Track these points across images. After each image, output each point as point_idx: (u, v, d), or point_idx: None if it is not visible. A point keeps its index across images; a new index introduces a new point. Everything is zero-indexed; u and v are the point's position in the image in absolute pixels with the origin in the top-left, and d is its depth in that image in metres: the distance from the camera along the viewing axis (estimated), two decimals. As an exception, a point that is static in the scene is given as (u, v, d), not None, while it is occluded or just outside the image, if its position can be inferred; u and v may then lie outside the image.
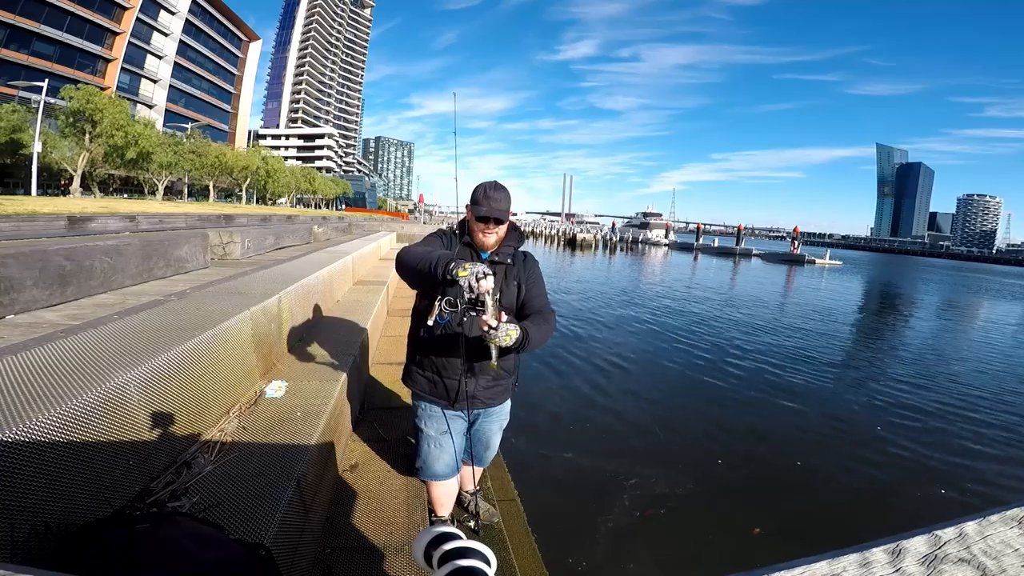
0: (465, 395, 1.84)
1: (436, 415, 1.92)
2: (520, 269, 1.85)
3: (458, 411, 1.91)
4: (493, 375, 1.85)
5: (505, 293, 1.79)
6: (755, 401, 5.99)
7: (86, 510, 1.24)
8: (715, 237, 68.55)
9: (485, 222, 1.71)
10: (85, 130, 25.70)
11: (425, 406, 1.93)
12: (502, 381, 1.93)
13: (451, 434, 1.95)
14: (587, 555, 2.94)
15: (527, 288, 1.84)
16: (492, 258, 1.81)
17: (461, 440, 1.99)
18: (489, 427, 2.04)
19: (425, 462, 1.98)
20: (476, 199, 1.72)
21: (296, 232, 8.98)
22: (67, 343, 1.75)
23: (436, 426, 1.92)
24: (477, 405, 1.90)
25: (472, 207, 1.73)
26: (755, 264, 36.84)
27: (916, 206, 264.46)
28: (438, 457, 1.95)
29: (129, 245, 3.77)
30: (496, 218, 1.70)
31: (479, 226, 1.73)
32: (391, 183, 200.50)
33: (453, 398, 1.86)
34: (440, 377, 1.85)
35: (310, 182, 59.65)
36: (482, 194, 1.71)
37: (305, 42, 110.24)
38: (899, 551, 0.56)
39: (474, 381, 1.85)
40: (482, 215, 1.69)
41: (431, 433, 1.93)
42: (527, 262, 1.90)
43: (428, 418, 1.93)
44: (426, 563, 0.73)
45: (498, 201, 1.71)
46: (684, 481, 3.83)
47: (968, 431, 5.39)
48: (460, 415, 1.94)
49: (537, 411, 5.08)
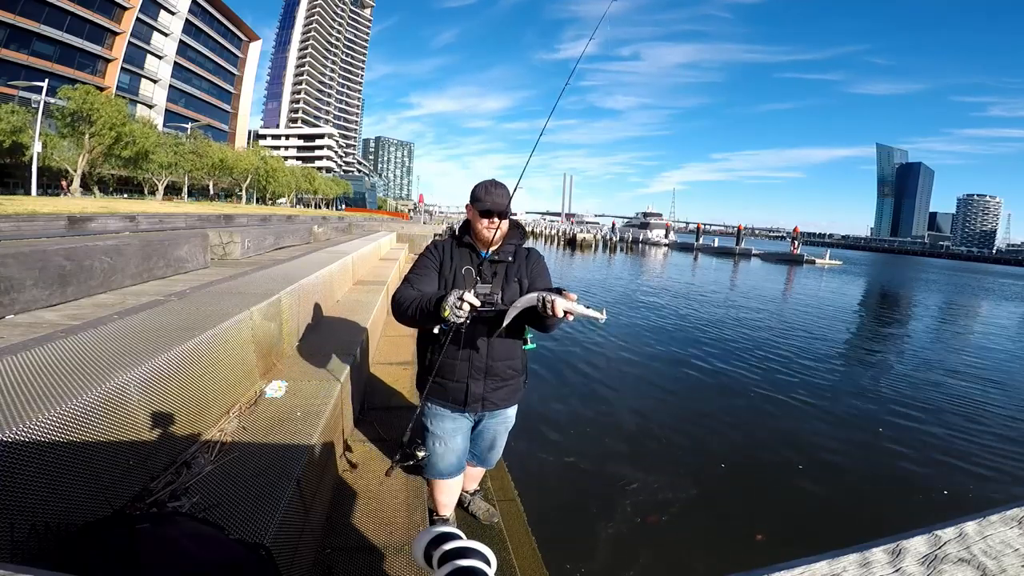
0: (474, 397, 1.86)
1: (443, 415, 1.94)
2: (522, 266, 1.86)
3: (466, 412, 1.93)
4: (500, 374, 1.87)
5: (506, 291, 1.79)
6: (757, 403, 5.99)
7: (86, 510, 1.24)
8: (715, 237, 68.53)
9: (488, 216, 1.76)
10: (83, 130, 25.70)
11: (433, 406, 1.94)
12: (511, 381, 1.92)
13: (458, 434, 1.96)
14: (587, 558, 2.94)
15: (532, 282, 1.85)
16: (492, 256, 1.82)
17: (466, 440, 2.01)
18: (495, 428, 2.04)
19: (431, 460, 1.99)
20: (477, 196, 1.78)
21: (296, 232, 8.98)
22: (67, 343, 1.75)
23: (443, 425, 1.94)
24: (488, 407, 1.91)
25: (474, 204, 1.78)
26: (755, 264, 36.83)
27: (916, 206, 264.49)
28: (443, 455, 1.97)
29: (129, 245, 3.77)
30: (498, 212, 1.75)
31: (482, 222, 1.78)
32: (391, 183, 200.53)
33: (463, 400, 1.87)
34: (450, 380, 1.86)
35: (310, 182, 59.67)
36: (483, 191, 1.78)
37: (305, 42, 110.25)
38: (899, 551, 0.56)
39: (482, 383, 1.85)
40: (485, 209, 1.75)
41: (438, 432, 1.95)
42: (530, 258, 1.91)
43: (435, 417, 1.94)
44: (426, 563, 0.73)
45: (499, 196, 1.77)
46: (687, 486, 3.81)
47: (969, 431, 5.39)
48: (467, 416, 1.96)
49: (538, 412, 5.08)
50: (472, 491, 2.52)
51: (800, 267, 35.69)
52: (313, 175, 61.65)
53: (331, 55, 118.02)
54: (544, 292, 1.52)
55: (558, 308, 1.46)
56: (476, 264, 1.82)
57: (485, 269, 1.81)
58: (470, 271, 1.81)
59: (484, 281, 1.78)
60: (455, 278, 1.80)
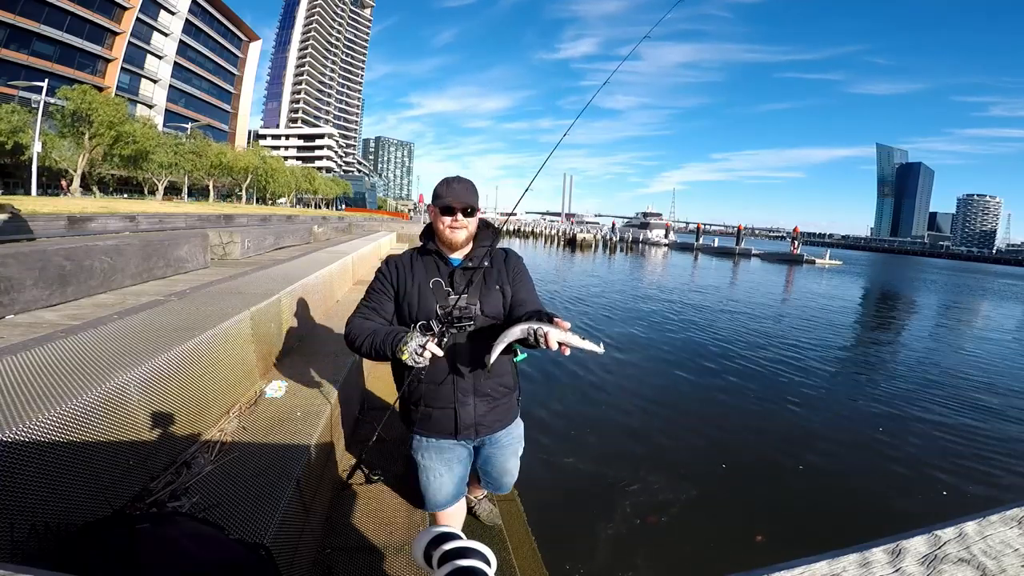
0: (465, 424, 1.65)
1: (435, 446, 1.71)
2: (501, 271, 1.65)
3: (460, 440, 1.71)
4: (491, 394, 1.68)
5: (487, 301, 1.59)
6: (758, 404, 5.99)
7: (86, 510, 1.24)
8: (715, 237, 68.49)
9: (451, 213, 1.55)
10: (83, 130, 25.71)
11: (421, 438, 1.72)
12: (503, 400, 1.72)
13: (455, 463, 1.75)
14: (587, 558, 2.94)
15: (514, 289, 1.64)
16: (465, 264, 1.60)
17: (465, 468, 1.80)
18: (500, 453, 1.81)
19: (426, 495, 1.77)
20: (437, 192, 1.58)
21: (296, 232, 8.98)
22: (67, 343, 1.75)
23: (436, 456, 1.72)
24: (483, 432, 1.70)
25: (434, 201, 1.59)
26: (755, 264, 36.82)
27: (916, 206, 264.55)
28: (439, 488, 1.74)
29: (129, 245, 3.77)
30: (462, 208, 1.55)
31: (444, 220, 1.56)
32: (391, 183, 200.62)
33: (453, 429, 1.65)
34: (435, 407, 1.64)
35: (310, 182, 59.68)
36: (443, 186, 1.57)
37: (305, 42, 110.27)
38: (899, 551, 0.56)
39: (472, 407, 1.65)
40: (446, 205, 1.55)
41: (429, 466, 1.72)
42: (508, 260, 1.69)
43: (426, 450, 1.72)
44: (426, 563, 0.73)
45: (462, 190, 1.56)
46: (686, 487, 3.80)
47: (969, 431, 5.39)
48: (462, 444, 1.74)
49: (537, 413, 5.08)
50: (479, 496, 2.40)
51: (800, 267, 35.69)
52: (313, 175, 61.66)
53: (331, 55, 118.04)
54: (535, 325, 1.34)
55: (551, 341, 1.31)
56: (446, 274, 1.58)
57: (457, 279, 1.57)
58: (439, 283, 1.57)
59: (457, 292, 1.55)
60: (420, 295, 1.57)
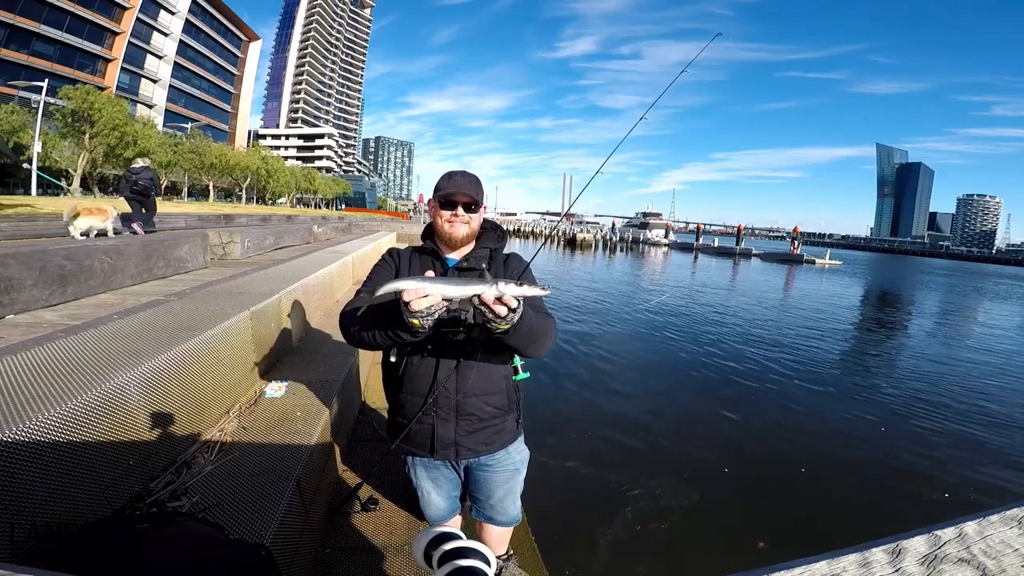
0: (443, 443, 1.51)
1: (420, 463, 1.64)
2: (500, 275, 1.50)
3: (439, 461, 1.60)
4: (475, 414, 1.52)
5: None
6: (759, 406, 5.98)
7: (86, 510, 1.24)
8: (715, 237, 68.43)
9: (451, 207, 1.46)
10: (84, 130, 25.71)
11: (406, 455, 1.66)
12: (492, 422, 1.55)
13: (443, 482, 1.67)
14: (588, 563, 2.93)
15: None
16: (460, 264, 1.50)
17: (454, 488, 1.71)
18: (490, 478, 1.63)
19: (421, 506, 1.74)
20: (439, 185, 1.50)
21: (296, 232, 8.98)
22: (67, 343, 1.75)
23: (423, 474, 1.66)
24: (464, 454, 1.54)
25: (435, 194, 1.50)
26: (755, 264, 36.80)
27: (916, 206, 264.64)
28: (428, 504, 1.70)
29: (129, 245, 3.77)
30: (464, 202, 1.45)
31: (443, 215, 1.48)
32: (391, 183, 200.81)
33: (429, 446, 1.53)
34: (413, 423, 1.52)
35: (310, 182, 59.70)
36: (445, 179, 1.49)
37: (305, 42, 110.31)
38: (899, 551, 0.56)
39: (452, 424, 1.51)
40: (447, 195, 1.46)
41: (418, 482, 1.68)
42: (509, 263, 1.58)
43: (413, 466, 1.66)
44: (426, 563, 0.73)
45: (465, 183, 1.47)
46: (688, 492, 3.77)
47: (969, 432, 5.39)
48: (444, 465, 1.63)
49: (538, 416, 5.07)
50: (503, 555, 1.92)
51: (800, 267, 35.68)
52: (313, 175, 61.67)
53: (331, 55, 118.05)
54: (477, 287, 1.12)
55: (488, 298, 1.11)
56: (439, 273, 1.45)
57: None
58: None
59: None
60: None
